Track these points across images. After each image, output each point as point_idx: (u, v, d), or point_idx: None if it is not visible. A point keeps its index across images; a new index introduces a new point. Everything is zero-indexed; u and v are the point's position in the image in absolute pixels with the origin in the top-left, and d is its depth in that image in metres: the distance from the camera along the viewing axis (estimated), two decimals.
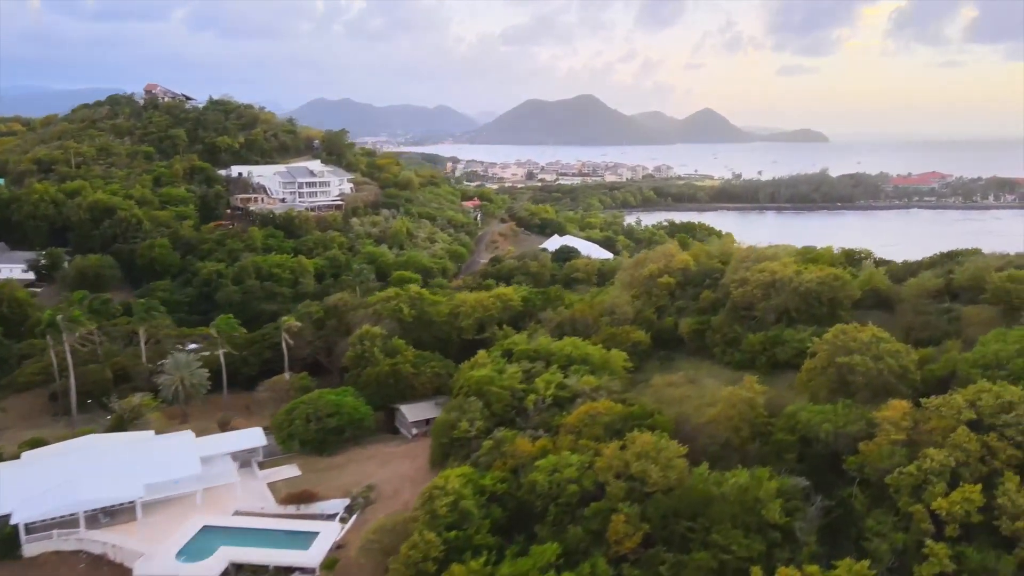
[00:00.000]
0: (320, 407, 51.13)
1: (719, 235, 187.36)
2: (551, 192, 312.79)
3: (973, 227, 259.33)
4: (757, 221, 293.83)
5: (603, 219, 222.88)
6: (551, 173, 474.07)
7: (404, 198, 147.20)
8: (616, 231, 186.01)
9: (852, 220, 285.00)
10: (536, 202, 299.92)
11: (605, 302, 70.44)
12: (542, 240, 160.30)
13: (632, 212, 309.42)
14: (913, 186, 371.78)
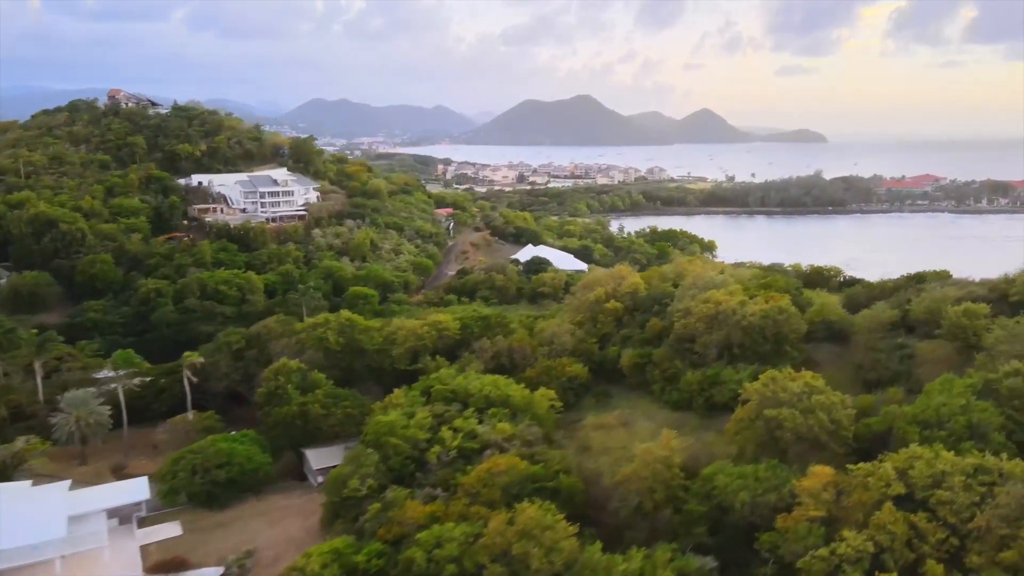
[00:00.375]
0: (209, 456, 46.81)
1: (701, 243, 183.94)
2: (538, 196, 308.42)
3: (962, 232, 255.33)
4: (746, 226, 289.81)
5: (584, 226, 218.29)
6: (543, 175, 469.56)
7: (371, 207, 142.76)
8: (596, 239, 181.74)
9: (842, 225, 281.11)
10: (523, 206, 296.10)
11: (547, 329, 66.09)
12: (517, 249, 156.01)
13: (620, 217, 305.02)
14: (906, 189, 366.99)
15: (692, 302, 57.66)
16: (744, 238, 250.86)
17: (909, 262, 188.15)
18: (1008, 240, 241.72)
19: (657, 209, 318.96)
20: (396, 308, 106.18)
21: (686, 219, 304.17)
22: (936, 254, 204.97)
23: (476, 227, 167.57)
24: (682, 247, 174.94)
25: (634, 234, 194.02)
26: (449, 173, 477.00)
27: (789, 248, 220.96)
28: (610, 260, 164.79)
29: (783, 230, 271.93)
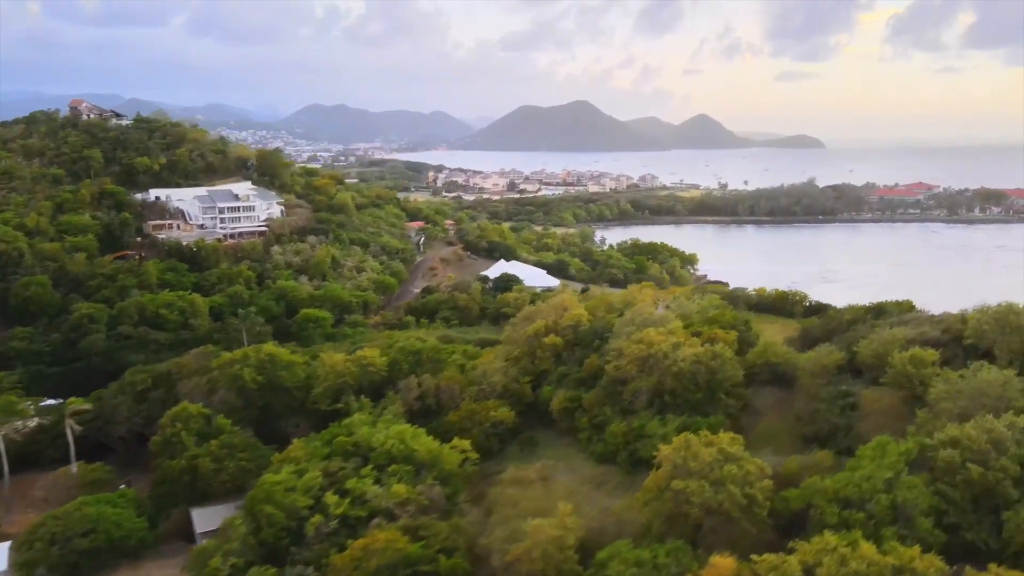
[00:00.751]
0: (71, 523, 42.54)
1: (682, 256, 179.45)
2: (525, 205, 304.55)
3: (949, 242, 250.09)
4: (734, 236, 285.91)
5: (565, 237, 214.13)
6: (534, 183, 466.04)
7: (336, 223, 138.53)
8: (574, 252, 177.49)
9: (830, 235, 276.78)
10: (510, 215, 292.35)
11: (479, 367, 61.76)
12: (489, 264, 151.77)
13: (608, 226, 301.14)
14: (899, 197, 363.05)
15: (626, 341, 53.40)
16: (730, 249, 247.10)
17: (888, 276, 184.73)
18: (996, 249, 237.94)
19: (646, 218, 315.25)
20: (349, 332, 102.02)
21: (675, 229, 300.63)
22: (919, 266, 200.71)
23: (449, 241, 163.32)
24: (662, 261, 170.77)
25: (615, 246, 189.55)
26: (440, 180, 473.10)
27: (773, 259, 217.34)
28: (587, 275, 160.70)
29: (770, 240, 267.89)
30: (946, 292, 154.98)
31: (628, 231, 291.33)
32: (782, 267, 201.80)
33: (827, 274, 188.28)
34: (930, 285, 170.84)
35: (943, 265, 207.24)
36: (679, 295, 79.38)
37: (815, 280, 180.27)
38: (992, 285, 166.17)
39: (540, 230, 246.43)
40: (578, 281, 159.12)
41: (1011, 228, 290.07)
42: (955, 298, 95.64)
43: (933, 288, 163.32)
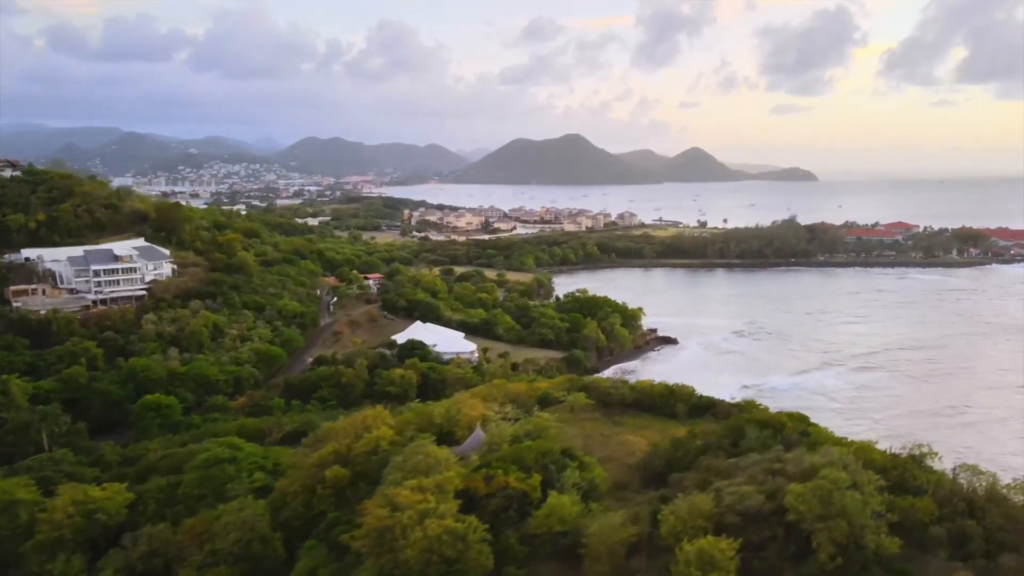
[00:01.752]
0: None
1: (624, 312, 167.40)
2: (487, 248, 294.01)
3: (920, 287, 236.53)
4: (703, 282, 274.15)
5: (512, 287, 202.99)
6: (509, 221, 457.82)
7: (231, 284, 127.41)
8: (509, 307, 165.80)
9: (799, 281, 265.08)
10: (470, 258, 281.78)
11: (227, 513, 49.63)
12: (408, 325, 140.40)
13: (573, 270, 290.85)
14: (877, 238, 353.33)
15: (375, 500, 41.58)
16: (693, 297, 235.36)
17: (832, 332, 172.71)
18: (949, 294, 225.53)
19: (612, 262, 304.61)
20: (198, 421, 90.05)
21: (643, 273, 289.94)
22: (868, 321, 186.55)
23: (368, 298, 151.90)
24: (602, 318, 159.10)
25: (551, 305, 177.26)
26: (415, 219, 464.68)
27: (731, 310, 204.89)
28: (516, 336, 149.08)
29: (735, 287, 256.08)
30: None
31: (593, 276, 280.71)
32: (732, 320, 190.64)
33: (773, 332, 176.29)
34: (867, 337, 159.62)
35: (894, 317, 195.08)
36: (524, 393, 67.86)
37: (757, 338, 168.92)
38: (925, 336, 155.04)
39: (495, 276, 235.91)
40: (505, 342, 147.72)
41: (985, 271, 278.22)
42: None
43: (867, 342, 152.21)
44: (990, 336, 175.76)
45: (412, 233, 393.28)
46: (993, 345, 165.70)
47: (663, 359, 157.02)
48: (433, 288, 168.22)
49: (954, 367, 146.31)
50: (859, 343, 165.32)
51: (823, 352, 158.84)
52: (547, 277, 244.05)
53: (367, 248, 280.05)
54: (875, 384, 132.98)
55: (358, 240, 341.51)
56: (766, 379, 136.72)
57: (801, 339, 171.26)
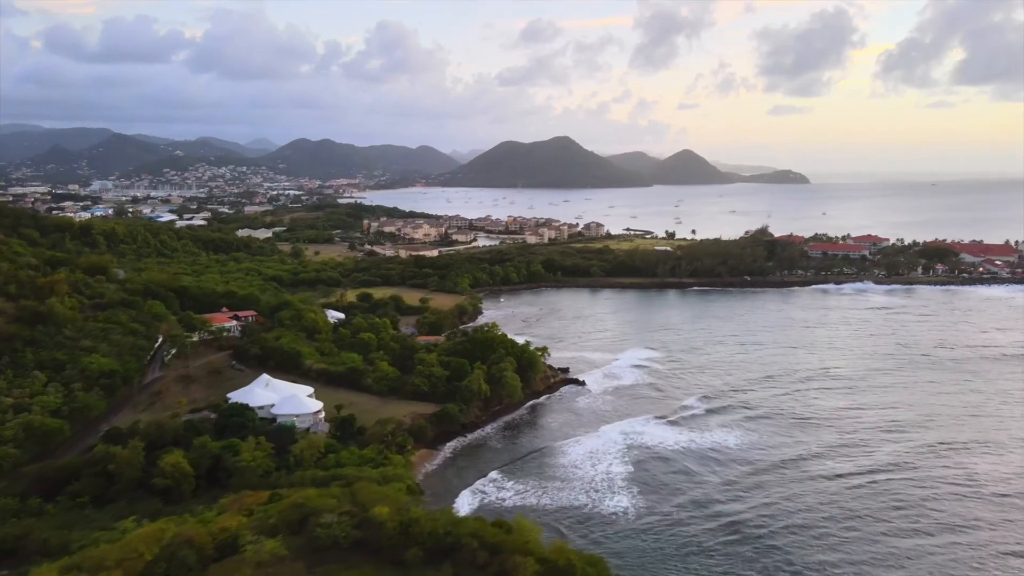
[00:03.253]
0: None
1: (519, 356, 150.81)
2: (423, 267, 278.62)
3: (857, 312, 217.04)
4: (648, 306, 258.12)
5: (423, 320, 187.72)
6: (470, 232, 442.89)
7: (24, 338, 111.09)
8: (395, 349, 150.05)
9: (752, 304, 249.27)
10: (404, 278, 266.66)
11: None
12: (257, 376, 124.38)
13: (514, 291, 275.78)
14: (843, 253, 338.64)
15: None
16: (625, 323, 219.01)
17: (749, 367, 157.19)
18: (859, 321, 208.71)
19: (558, 281, 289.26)
20: None
21: (590, 295, 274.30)
22: (791, 353, 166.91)
23: (222, 344, 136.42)
24: (495, 361, 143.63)
25: (469, 333, 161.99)
26: (373, 229, 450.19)
27: (659, 341, 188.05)
28: (389, 385, 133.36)
29: (680, 311, 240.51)
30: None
31: (537, 298, 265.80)
32: (656, 353, 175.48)
33: (694, 369, 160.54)
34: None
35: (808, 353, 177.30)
36: (197, 539, 52.72)
37: (673, 376, 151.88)
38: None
39: (418, 301, 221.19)
40: (375, 393, 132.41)
41: (948, 292, 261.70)
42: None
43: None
44: (910, 368, 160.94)
45: (363, 246, 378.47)
46: (912, 381, 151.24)
47: (557, 408, 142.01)
48: (312, 327, 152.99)
49: (847, 410, 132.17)
50: (769, 383, 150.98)
51: (727, 393, 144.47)
52: (472, 304, 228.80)
53: (293, 268, 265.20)
54: (759, 443, 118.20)
55: (299, 256, 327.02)
56: (656, 437, 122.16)
57: (718, 376, 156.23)
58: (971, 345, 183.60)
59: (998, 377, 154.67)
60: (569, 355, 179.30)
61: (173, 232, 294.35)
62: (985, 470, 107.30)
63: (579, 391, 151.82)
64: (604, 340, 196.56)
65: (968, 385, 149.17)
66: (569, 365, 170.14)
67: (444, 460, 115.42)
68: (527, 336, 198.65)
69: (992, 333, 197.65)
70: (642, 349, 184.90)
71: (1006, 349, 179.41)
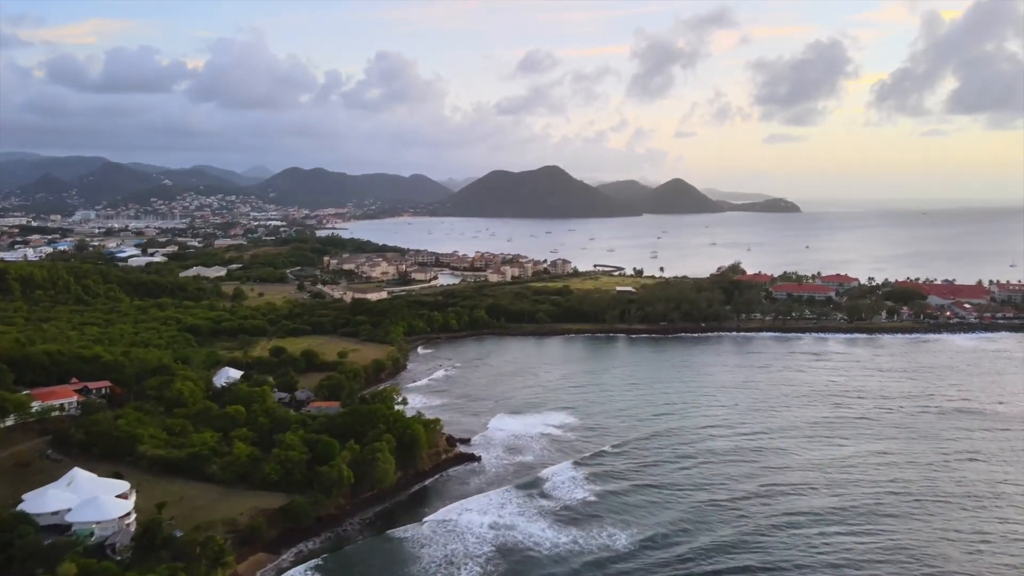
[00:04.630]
0: None
1: (405, 428, 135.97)
2: (357, 314, 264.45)
3: (804, 363, 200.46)
4: (592, 356, 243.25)
5: (328, 379, 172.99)
6: (429, 271, 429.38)
7: None
8: (264, 424, 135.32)
9: (703, 360, 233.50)
10: (336, 326, 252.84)
11: None
12: (78, 466, 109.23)
13: (455, 340, 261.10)
14: (808, 294, 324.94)
15: None
16: (558, 380, 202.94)
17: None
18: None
19: (502, 328, 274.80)
20: None
21: (536, 344, 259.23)
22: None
23: (45, 427, 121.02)
24: (371, 440, 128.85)
25: (367, 397, 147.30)
26: (333, 266, 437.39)
27: (587, 403, 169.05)
28: (238, 471, 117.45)
29: (621, 364, 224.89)
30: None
31: (476, 348, 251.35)
32: (579, 420, 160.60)
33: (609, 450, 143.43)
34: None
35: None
36: None
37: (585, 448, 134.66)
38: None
39: (336, 355, 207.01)
40: (219, 483, 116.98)
41: (911, 341, 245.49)
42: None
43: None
44: (820, 438, 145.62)
45: (315, 286, 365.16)
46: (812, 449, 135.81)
47: (440, 492, 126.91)
48: (175, 399, 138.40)
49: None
50: (690, 462, 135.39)
51: (636, 473, 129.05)
52: (395, 358, 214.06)
53: (216, 316, 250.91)
54: (659, 541, 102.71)
55: (239, 298, 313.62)
56: (533, 536, 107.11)
57: (633, 454, 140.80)
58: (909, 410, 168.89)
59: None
60: (481, 419, 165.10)
61: (100, 275, 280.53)
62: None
63: (471, 470, 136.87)
64: (526, 400, 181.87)
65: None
66: (477, 432, 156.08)
67: (280, 570, 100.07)
68: (445, 397, 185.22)
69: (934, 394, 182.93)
70: (562, 412, 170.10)
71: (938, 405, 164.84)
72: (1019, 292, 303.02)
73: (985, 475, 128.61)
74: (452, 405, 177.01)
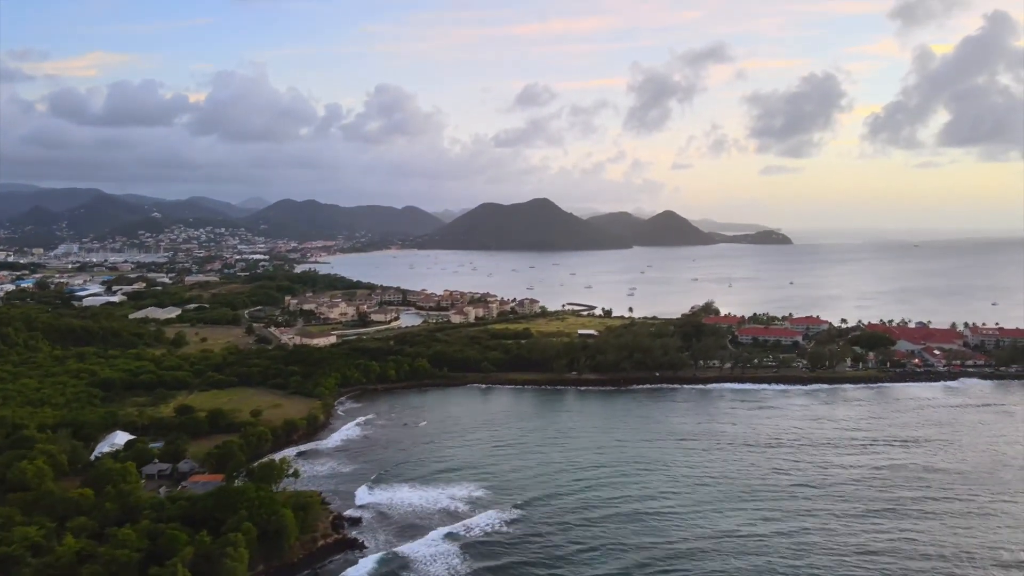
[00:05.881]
0: None
1: (269, 511, 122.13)
2: (293, 364, 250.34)
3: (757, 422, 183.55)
4: (535, 413, 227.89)
5: (221, 443, 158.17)
6: (391, 311, 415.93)
7: None
8: (111, 511, 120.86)
9: (654, 418, 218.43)
10: (265, 377, 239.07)
11: None
12: None
13: (392, 391, 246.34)
14: (775, 338, 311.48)
15: None
16: (477, 445, 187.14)
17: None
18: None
19: (444, 378, 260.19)
20: None
21: (480, 396, 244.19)
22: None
23: None
24: (229, 529, 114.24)
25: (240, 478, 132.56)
26: (292, 306, 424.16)
27: (503, 477, 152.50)
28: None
29: (558, 426, 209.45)
30: None
31: (413, 401, 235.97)
32: (496, 499, 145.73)
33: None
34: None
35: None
36: None
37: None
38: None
39: (249, 414, 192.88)
40: None
41: (876, 392, 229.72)
42: None
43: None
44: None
45: (268, 328, 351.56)
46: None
47: None
48: (18, 480, 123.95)
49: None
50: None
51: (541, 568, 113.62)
52: (312, 417, 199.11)
53: (135, 368, 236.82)
54: None
55: (180, 344, 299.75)
56: None
57: (543, 548, 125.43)
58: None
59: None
60: (386, 492, 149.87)
61: (23, 322, 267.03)
62: None
63: (349, 560, 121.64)
64: (444, 466, 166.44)
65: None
66: (377, 507, 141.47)
67: None
68: (356, 462, 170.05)
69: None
70: (474, 484, 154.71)
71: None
72: (992, 337, 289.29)
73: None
74: (358, 473, 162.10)
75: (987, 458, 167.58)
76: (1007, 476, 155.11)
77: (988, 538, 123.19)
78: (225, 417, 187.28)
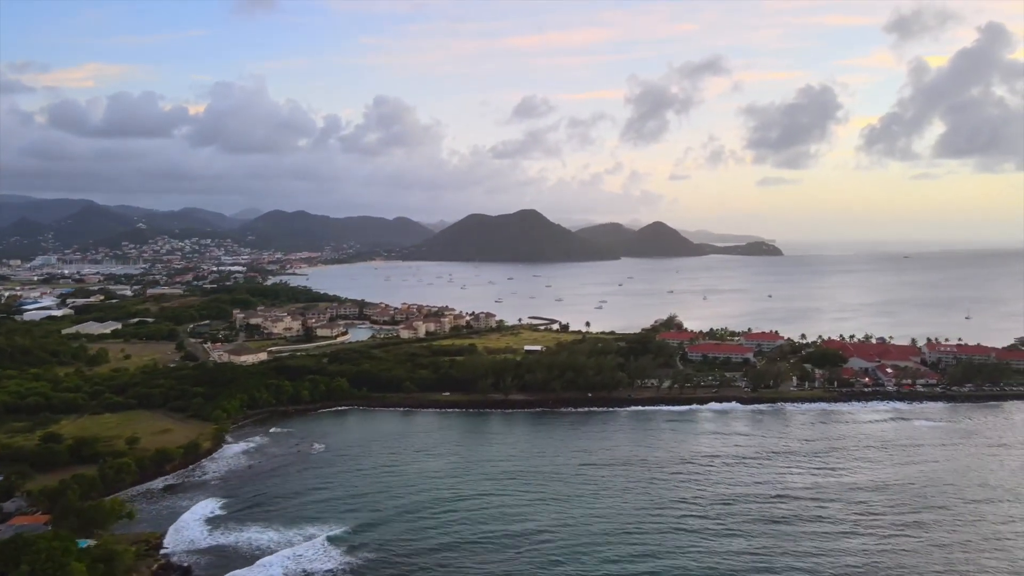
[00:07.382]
0: None
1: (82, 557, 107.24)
2: (199, 383, 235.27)
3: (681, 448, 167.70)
4: (451, 438, 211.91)
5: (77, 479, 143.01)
6: (340, 325, 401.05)
7: None
8: None
9: (578, 444, 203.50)
10: (167, 399, 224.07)
11: None
12: None
13: (308, 415, 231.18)
14: (724, 355, 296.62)
15: None
16: (364, 478, 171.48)
17: None
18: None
19: (366, 398, 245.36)
20: None
21: (401, 419, 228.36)
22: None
23: None
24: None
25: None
26: (239, 322, 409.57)
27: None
28: None
29: (484, 449, 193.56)
30: None
31: (331, 425, 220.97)
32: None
33: None
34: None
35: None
36: None
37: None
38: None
39: (124, 442, 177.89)
40: None
41: (823, 417, 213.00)
42: None
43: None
44: None
45: (205, 344, 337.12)
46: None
47: None
48: None
49: None
50: None
51: None
52: (182, 448, 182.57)
53: (22, 390, 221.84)
54: None
55: (99, 361, 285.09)
56: None
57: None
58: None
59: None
60: (231, 537, 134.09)
61: None
62: None
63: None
64: (311, 502, 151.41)
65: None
66: (211, 555, 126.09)
67: None
68: (227, 498, 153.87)
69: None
70: (339, 526, 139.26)
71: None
72: (950, 354, 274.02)
73: None
74: (218, 510, 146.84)
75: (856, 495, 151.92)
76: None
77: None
78: (91, 447, 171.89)
